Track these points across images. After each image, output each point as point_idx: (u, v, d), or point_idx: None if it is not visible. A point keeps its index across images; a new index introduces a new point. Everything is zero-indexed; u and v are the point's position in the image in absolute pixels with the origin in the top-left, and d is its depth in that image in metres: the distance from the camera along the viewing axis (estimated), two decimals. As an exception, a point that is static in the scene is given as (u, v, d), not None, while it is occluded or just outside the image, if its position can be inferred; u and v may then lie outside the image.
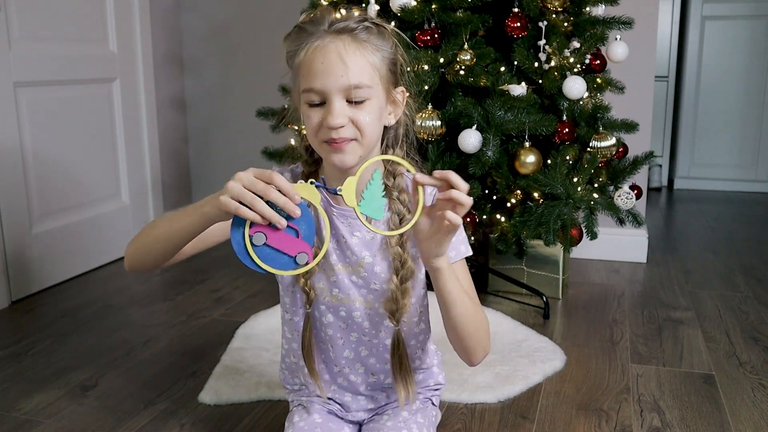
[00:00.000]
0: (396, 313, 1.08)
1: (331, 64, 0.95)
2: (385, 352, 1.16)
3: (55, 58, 2.34)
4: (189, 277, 2.46)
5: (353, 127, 0.97)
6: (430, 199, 1.04)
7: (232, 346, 1.81)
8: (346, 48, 0.96)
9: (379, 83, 0.99)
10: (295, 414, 1.21)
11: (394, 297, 1.08)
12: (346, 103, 0.97)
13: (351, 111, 0.97)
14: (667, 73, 4.21)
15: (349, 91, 0.96)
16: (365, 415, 1.23)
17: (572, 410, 1.49)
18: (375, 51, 0.99)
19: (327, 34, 0.97)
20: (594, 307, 2.14)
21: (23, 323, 2.03)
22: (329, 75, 0.95)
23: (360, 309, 1.12)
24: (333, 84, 0.95)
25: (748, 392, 1.57)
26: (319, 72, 0.96)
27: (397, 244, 1.07)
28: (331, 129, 0.96)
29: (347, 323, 1.14)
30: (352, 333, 1.15)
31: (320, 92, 0.96)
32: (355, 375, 1.19)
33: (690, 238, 3.01)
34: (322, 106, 0.98)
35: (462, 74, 1.80)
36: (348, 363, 1.18)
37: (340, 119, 0.96)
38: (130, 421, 1.45)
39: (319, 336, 1.17)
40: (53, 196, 2.37)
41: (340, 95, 0.96)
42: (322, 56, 0.96)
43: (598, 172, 1.95)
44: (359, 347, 1.17)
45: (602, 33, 1.87)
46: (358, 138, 0.98)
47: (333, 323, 1.15)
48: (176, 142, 3.02)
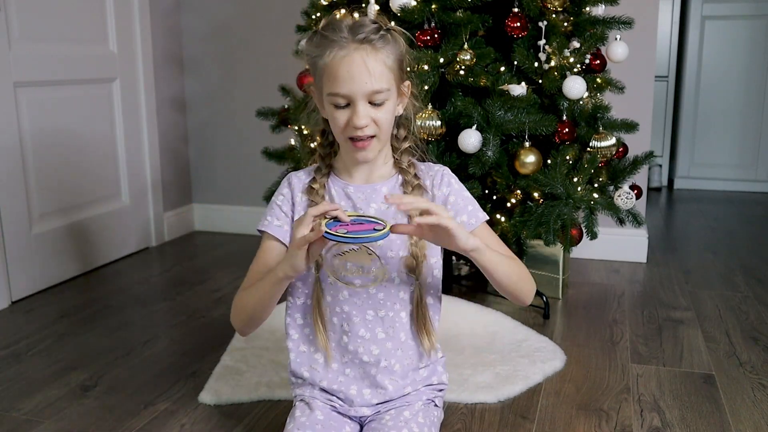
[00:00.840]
0: (416, 268, 1.19)
1: (356, 72, 1.08)
2: (400, 331, 1.22)
3: (55, 58, 2.34)
4: (189, 277, 2.46)
5: (374, 125, 1.12)
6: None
7: (232, 346, 1.81)
8: (368, 56, 1.09)
9: (393, 83, 1.13)
10: (297, 409, 1.22)
11: (413, 253, 1.18)
12: (369, 105, 1.11)
13: (372, 112, 1.11)
14: (667, 73, 4.21)
15: (372, 96, 1.10)
16: (369, 411, 1.23)
17: (572, 410, 1.49)
18: (389, 55, 1.12)
19: (350, 42, 1.09)
20: (594, 307, 2.14)
21: (23, 323, 2.03)
22: (354, 82, 1.09)
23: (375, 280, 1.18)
24: (358, 90, 1.09)
25: (748, 392, 1.57)
26: (345, 79, 1.09)
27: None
28: (357, 128, 1.11)
29: (362, 298, 1.19)
30: (368, 310, 1.20)
31: (346, 96, 1.10)
32: (369, 356, 1.21)
33: (690, 238, 3.01)
34: (346, 108, 1.12)
35: (462, 74, 1.80)
36: (363, 343, 1.21)
37: (365, 120, 1.11)
38: (130, 421, 1.45)
39: (332, 322, 1.21)
40: (53, 196, 2.37)
41: (364, 99, 1.10)
42: (348, 64, 1.09)
43: (598, 172, 1.95)
44: (376, 327, 1.20)
45: (602, 33, 1.87)
46: (377, 134, 1.14)
47: (348, 299, 1.20)
48: (176, 142, 3.02)
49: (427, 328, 1.22)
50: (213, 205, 3.13)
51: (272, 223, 1.22)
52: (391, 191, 1.20)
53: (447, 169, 1.25)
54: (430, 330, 1.23)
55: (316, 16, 2.02)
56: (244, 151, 2.98)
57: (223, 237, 3.03)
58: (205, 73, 3.00)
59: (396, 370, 1.23)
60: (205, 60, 2.99)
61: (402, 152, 1.23)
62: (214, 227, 3.13)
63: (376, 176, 1.21)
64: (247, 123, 2.87)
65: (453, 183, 1.23)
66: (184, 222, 3.10)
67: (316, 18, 2.02)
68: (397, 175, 1.22)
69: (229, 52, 2.95)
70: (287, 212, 1.22)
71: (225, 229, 3.10)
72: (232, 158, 3.05)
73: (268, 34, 2.86)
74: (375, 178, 1.21)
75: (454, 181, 1.24)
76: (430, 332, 1.22)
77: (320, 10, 2.01)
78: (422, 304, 1.21)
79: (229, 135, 3.03)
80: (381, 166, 1.22)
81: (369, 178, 1.21)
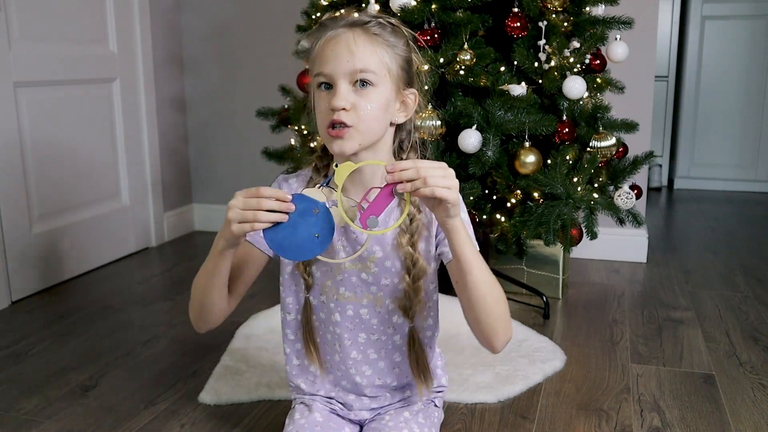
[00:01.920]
0: (410, 310, 1.12)
1: (340, 51, 1.02)
2: (394, 352, 1.18)
3: (55, 58, 2.34)
4: (189, 277, 2.45)
5: (354, 113, 1.02)
6: None
7: (232, 346, 1.81)
8: (356, 39, 1.03)
9: (387, 75, 1.04)
10: (297, 411, 1.22)
11: (407, 295, 1.11)
12: (351, 88, 1.03)
13: (354, 97, 1.02)
14: (667, 73, 4.21)
15: (354, 75, 1.02)
16: (368, 414, 1.23)
17: (572, 410, 1.49)
18: (386, 46, 1.05)
19: (340, 26, 1.04)
20: (594, 307, 2.14)
21: (23, 323, 2.03)
22: (337, 61, 1.02)
23: (368, 306, 1.14)
24: (339, 68, 1.02)
25: (748, 392, 1.57)
26: (329, 58, 1.03)
27: (407, 244, 1.09)
28: (334, 110, 1.02)
29: (354, 323, 1.15)
30: (360, 333, 1.16)
31: (328, 76, 1.03)
32: (361, 377, 1.19)
33: (690, 238, 3.01)
34: (329, 91, 1.04)
35: (462, 74, 1.80)
36: (355, 364, 1.18)
37: (343, 101, 1.01)
38: (130, 421, 1.45)
39: (325, 338, 1.18)
40: (53, 196, 2.37)
41: (346, 79, 1.02)
42: (333, 44, 1.03)
43: (598, 172, 1.95)
44: (368, 349, 1.17)
45: (602, 33, 1.87)
46: (356, 125, 1.03)
47: (341, 323, 1.16)
48: (176, 142, 3.02)
49: (423, 371, 1.15)
50: (213, 205, 3.13)
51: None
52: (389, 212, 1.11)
53: None
54: (427, 373, 1.16)
55: (316, 16, 2.02)
56: (244, 151, 2.98)
57: (223, 237, 3.02)
58: (205, 73, 3.00)
59: (393, 386, 1.22)
60: (205, 60, 2.99)
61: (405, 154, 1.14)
62: (214, 227, 3.13)
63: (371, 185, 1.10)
64: (247, 123, 2.87)
65: None
66: (184, 222, 3.10)
67: (316, 18, 2.02)
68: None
69: (229, 52, 2.95)
70: None
71: (225, 229, 3.10)
72: (232, 158, 3.05)
73: (268, 34, 2.86)
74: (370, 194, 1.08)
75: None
76: (426, 376, 1.15)
77: (320, 10, 2.01)
78: (416, 346, 1.14)
79: (229, 135, 3.03)
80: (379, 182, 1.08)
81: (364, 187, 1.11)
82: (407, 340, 1.15)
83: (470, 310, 1.06)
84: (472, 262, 1.02)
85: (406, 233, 1.09)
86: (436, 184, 0.92)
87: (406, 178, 0.93)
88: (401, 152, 1.14)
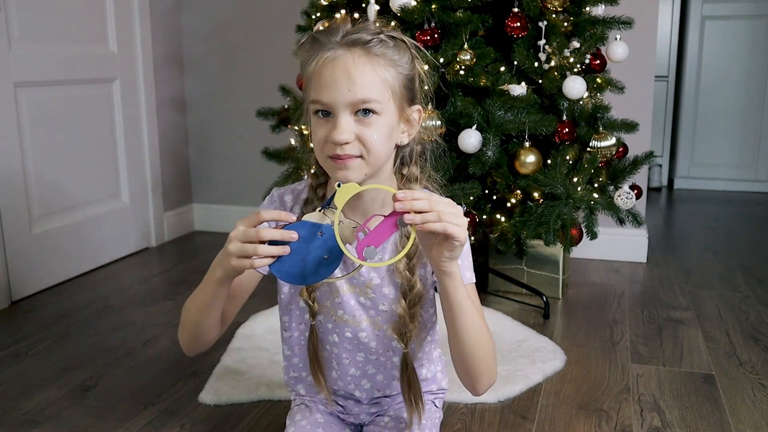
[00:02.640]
0: (404, 336, 1.07)
1: (339, 78, 0.92)
2: (393, 369, 1.15)
3: (55, 58, 2.34)
4: (189, 277, 2.46)
5: (359, 144, 0.94)
6: None
7: (232, 346, 1.81)
8: (356, 61, 0.93)
9: (390, 100, 0.96)
10: (297, 412, 1.21)
11: (402, 321, 1.06)
12: (353, 119, 0.94)
13: (357, 127, 0.94)
14: (667, 73, 4.21)
15: (356, 106, 0.93)
16: (367, 417, 1.23)
17: (572, 410, 1.49)
18: (388, 66, 0.95)
19: (339, 46, 0.94)
20: (594, 307, 2.14)
21: (23, 323, 2.03)
22: (336, 89, 0.92)
23: (367, 330, 1.11)
24: (339, 98, 0.92)
25: (748, 392, 1.57)
26: (327, 85, 0.93)
27: (405, 269, 1.05)
28: (336, 144, 0.93)
29: (353, 344, 1.13)
30: (359, 353, 1.14)
31: (327, 105, 0.94)
32: (360, 391, 1.18)
33: (690, 238, 3.01)
34: (328, 119, 0.95)
35: (462, 74, 1.80)
36: (354, 380, 1.17)
37: (345, 135, 0.93)
38: (130, 421, 1.45)
39: (322, 354, 1.16)
40: (53, 196, 2.37)
41: (347, 110, 0.93)
42: (331, 69, 0.93)
43: (598, 172, 1.95)
44: (366, 366, 1.16)
45: (602, 33, 1.87)
46: (364, 155, 0.95)
47: (338, 343, 1.13)
48: (176, 142, 3.02)
49: (414, 396, 1.09)
50: (213, 205, 3.13)
51: None
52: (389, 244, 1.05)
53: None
54: (419, 399, 1.10)
55: (316, 16, 2.02)
56: (244, 151, 2.98)
57: (223, 237, 3.00)
58: (205, 73, 3.00)
59: (392, 394, 1.20)
60: (205, 60, 2.99)
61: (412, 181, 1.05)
62: (214, 227, 3.13)
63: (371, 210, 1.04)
64: (247, 123, 2.87)
65: None
66: (184, 222, 3.10)
67: (316, 18, 2.02)
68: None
69: (229, 52, 2.95)
70: None
71: (225, 229, 3.10)
72: (232, 158, 3.05)
73: (268, 34, 2.86)
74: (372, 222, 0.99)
75: None
76: (417, 403, 1.09)
77: (320, 10, 2.01)
78: (409, 371, 1.09)
79: (229, 135, 3.03)
80: (378, 208, 1.03)
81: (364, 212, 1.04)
82: (400, 365, 1.10)
83: (457, 350, 1.02)
84: (462, 310, 0.96)
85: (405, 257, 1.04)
86: (450, 221, 0.84)
87: (417, 208, 0.84)
88: (402, 168, 1.06)
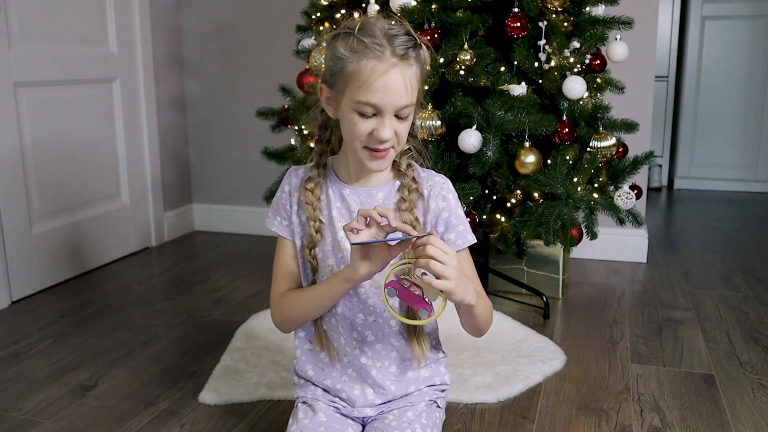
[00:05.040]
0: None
1: (393, 87, 1.05)
2: (390, 336, 1.20)
3: (55, 58, 2.34)
4: (189, 277, 2.46)
5: (395, 137, 1.09)
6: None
7: (232, 346, 1.81)
8: (406, 72, 1.06)
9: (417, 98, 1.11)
10: (300, 411, 1.22)
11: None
12: (395, 119, 1.08)
13: (396, 125, 1.08)
14: (667, 73, 4.21)
15: (401, 111, 1.07)
16: (372, 411, 1.23)
17: (572, 410, 1.49)
18: (419, 70, 1.09)
19: (389, 56, 1.05)
20: (594, 307, 2.14)
21: (23, 323, 2.03)
22: (390, 95, 1.05)
23: (365, 285, 1.16)
24: (390, 103, 1.05)
25: (748, 392, 1.57)
26: (381, 90, 1.05)
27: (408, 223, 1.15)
28: (381, 141, 1.08)
29: (352, 302, 1.18)
30: (358, 314, 1.19)
31: (376, 107, 1.06)
32: (366, 358, 1.21)
33: (690, 238, 3.01)
34: (372, 118, 1.07)
35: (462, 74, 1.80)
36: (358, 345, 1.21)
37: (391, 134, 1.07)
38: (130, 421, 1.45)
39: (330, 322, 1.22)
40: (53, 196, 2.37)
41: (392, 113, 1.07)
42: (385, 78, 1.04)
43: (598, 172, 1.95)
44: (365, 331, 1.20)
45: (602, 33, 1.87)
46: (395, 146, 1.11)
47: (341, 302, 1.19)
48: (176, 142, 3.02)
49: (418, 335, 1.21)
50: (213, 205, 3.13)
51: (277, 222, 1.23)
52: (387, 196, 1.19)
53: (448, 182, 1.22)
54: (421, 337, 1.21)
55: (316, 16, 2.02)
56: (244, 151, 2.98)
57: (223, 237, 3.03)
58: (205, 73, 3.00)
59: (392, 371, 1.23)
60: (205, 60, 2.99)
61: (401, 154, 1.19)
62: (214, 227, 3.13)
63: (373, 179, 1.19)
64: (247, 123, 2.87)
65: (450, 198, 1.20)
66: (184, 222, 3.10)
67: (316, 18, 2.02)
68: (395, 180, 1.20)
69: (229, 52, 2.95)
70: (288, 210, 1.22)
71: (225, 229, 3.10)
72: (232, 158, 3.05)
73: (268, 34, 2.86)
74: (372, 181, 1.19)
75: (452, 197, 1.20)
76: (421, 340, 1.21)
77: (320, 10, 2.01)
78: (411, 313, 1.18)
79: (229, 135, 3.03)
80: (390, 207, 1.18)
81: (366, 181, 1.19)
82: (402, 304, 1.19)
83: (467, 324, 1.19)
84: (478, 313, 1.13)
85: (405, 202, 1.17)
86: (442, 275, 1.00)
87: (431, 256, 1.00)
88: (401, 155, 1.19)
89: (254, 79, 2.92)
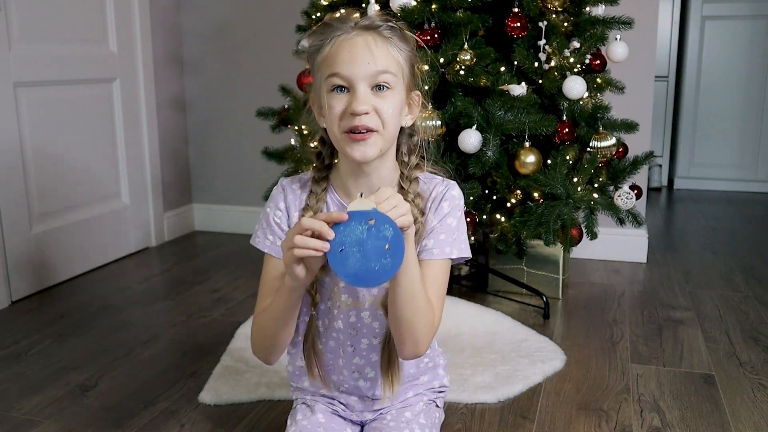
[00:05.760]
0: None
1: (359, 53, 0.99)
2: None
3: (55, 58, 2.34)
4: (189, 277, 2.46)
5: (376, 117, 1.00)
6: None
7: (232, 346, 1.81)
8: (373, 40, 1.00)
9: (401, 79, 1.03)
10: (299, 412, 1.21)
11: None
12: (371, 92, 1.00)
13: (374, 100, 1.00)
14: (667, 73, 4.21)
15: (375, 78, 0.99)
16: (370, 415, 1.23)
17: (572, 410, 1.49)
18: (399, 49, 1.03)
19: (353, 29, 1.01)
20: (594, 307, 2.14)
21: (23, 323, 2.03)
22: (356, 62, 0.99)
23: (369, 309, 1.12)
24: (359, 70, 0.99)
25: (748, 392, 1.57)
26: (346, 60, 0.99)
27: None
28: (355, 115, 0.99)
29: (356, 328, 1.14)
30: (362, 339, 1.15)
31: (346, 78, 0.99)
32: (365, 380, 1.19)
33: (690, 238, 3.01)
34: (345, 93, 1.00)
35: (462, 74, 1.80)
36: (358, 368, 1.17)
37: (365, 105, 0.98)
38: (130, 421, 1.45)
39: (328, 345, 1.17)
40: (53, 196, 2.37)
41: (366, 82, 0.99)
42: (350, 46, 0.99)
43: (598, 172, 1.95)
44: (370, 353, 1.16)
45: (602, 33, 1.87)
46: (380, 129, 1.01)
47: (343, 330, 1.14)
48: (176, 142, 3.02)
49: (392, 371, 1.13)
50: (213, 205, 3.13)
51: (269, 241, 1.13)
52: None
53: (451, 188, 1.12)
54: (394, 375, 1.13)
55: (316, 16, 2.02)
56: (244, 151, 2.98)
57: (223, 237, 3.03)
58: (205, 73, 3.00)
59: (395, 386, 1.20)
60: (205, 60, 2.99)
61: (411, 180, 1.09)
62: (214, 227, 3.13)
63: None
64: (247, 123, 2.87)
65: (444, 207, 1.09)
66: (184, 222, 3.10)
67: (316, 18, 2.02)
68: None
69: (229, 52, 2.95)
70: (285, 229, 1.13)
71: (225, 229, 3.10)
72: (232, 158, 3.05)
73: (268, 34, 2.86)
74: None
75: (447, 205, 1.10)
76: (394, 377, 1.13)
77: (320, 10, 2.01)
78: (391, 345, 1.11)
79: (229, 135, 3.03)
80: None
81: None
82: (383, 338, 1.12)
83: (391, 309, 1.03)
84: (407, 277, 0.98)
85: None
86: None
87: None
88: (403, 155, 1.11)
89: (254, 79, 2.92)
